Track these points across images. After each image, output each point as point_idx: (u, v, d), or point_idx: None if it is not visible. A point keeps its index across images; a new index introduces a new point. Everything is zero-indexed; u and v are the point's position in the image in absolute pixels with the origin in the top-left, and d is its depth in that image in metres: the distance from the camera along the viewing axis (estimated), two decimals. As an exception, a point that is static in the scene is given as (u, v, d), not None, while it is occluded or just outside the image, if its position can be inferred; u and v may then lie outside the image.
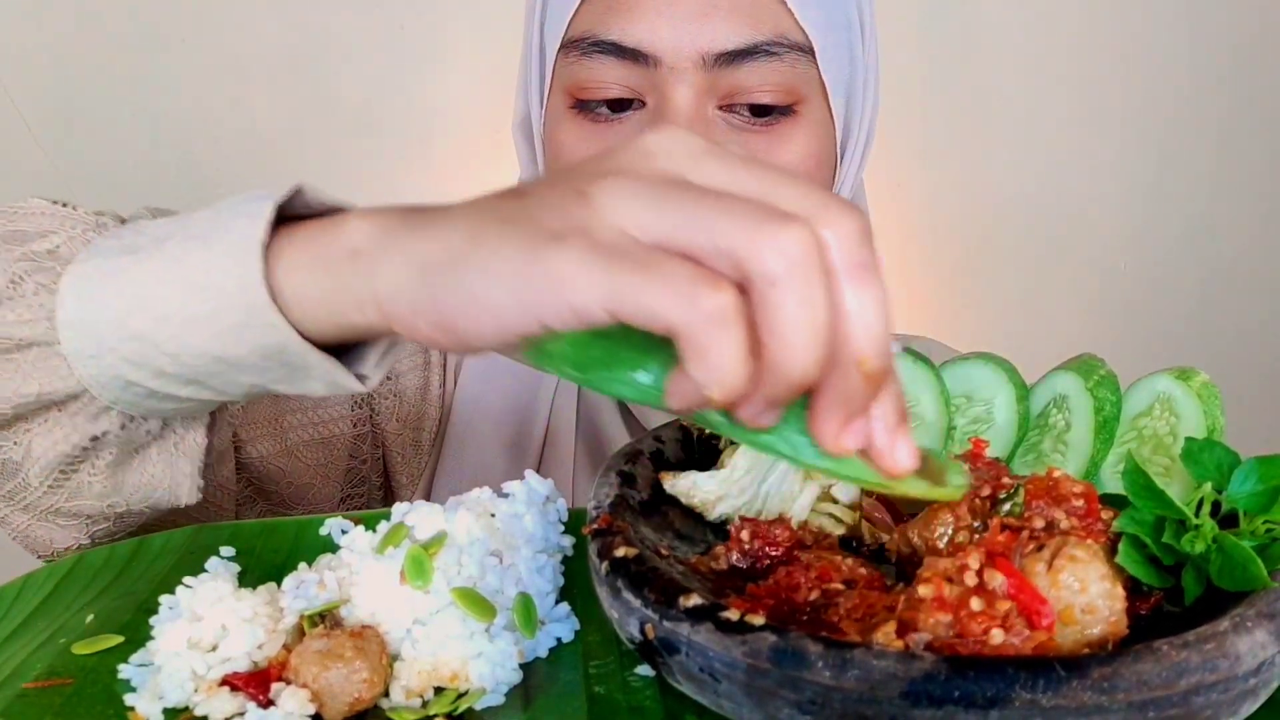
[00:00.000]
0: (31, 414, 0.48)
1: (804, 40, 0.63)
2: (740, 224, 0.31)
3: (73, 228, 0.49)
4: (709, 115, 0.63)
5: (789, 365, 0.31)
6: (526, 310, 0.33)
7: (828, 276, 0.31)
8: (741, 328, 0.31)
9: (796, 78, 0.63)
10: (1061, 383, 0.49)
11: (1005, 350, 0.52)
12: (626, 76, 0.63)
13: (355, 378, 0.44)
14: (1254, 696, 0.34)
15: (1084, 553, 0.36)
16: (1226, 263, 1.65)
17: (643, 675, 0.40)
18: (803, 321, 0.30)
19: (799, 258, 0.30)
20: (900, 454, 0.34)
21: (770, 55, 0.61)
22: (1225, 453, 0.41)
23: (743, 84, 0.62)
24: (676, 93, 0.62)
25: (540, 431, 0.76)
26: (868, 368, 0.32)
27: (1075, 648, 0.35)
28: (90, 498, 0.51)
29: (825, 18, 0.64)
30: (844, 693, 0.32)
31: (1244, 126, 1.60)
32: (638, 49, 0.62)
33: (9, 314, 0.46)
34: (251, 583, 0.45)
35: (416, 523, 0.44)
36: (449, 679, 0.40)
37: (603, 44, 0.63)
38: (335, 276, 0.40)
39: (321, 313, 0.41)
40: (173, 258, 0.43)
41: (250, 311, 0.41)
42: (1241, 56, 1.57)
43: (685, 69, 0.61)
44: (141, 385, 0.45)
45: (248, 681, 0.39)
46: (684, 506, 0.48)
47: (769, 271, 0.30)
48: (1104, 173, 1.61)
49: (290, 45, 1.51)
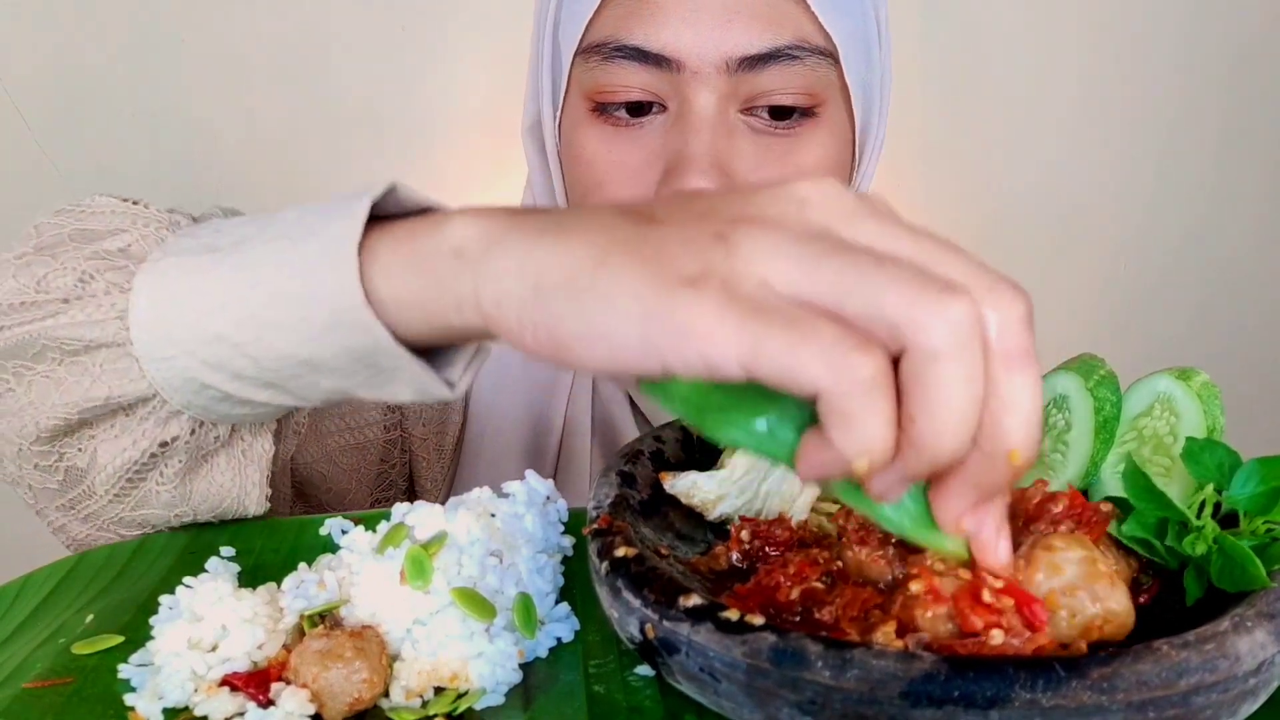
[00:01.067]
0: (98, 419, 0.46)
1: (825, 44, 0.63)
2: (903, 291, 0.29)
3: (145, 225, 0.47)
4: (730, 119, 0.63)
5: (937, 444, 0.29)
6: (650, 352, 0.31)
7: (988, 354, 0.30)
8: (892, 399, 0.29)
9: (817, 81, 0.63)
10: (1061, 383, 0.49)
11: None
12: (648, 81, 0.63)
13: (444, 383, 0.42)
14: (1254, 696, 0.34)
15: (1061, 541, 0.36)
16: (1227, 263, 1.65)
17: (643, 675, 0.40)
18: (959, 401, 0.29)
19: (964, 334, 0.29)
20: (1002, 549, 0.33)
21: (792, 59, 0.61)
22: (1225, 453, 0.41)
23: (764, 88, 0.62)
24: (699, 97, 0.62)
25: (556, 435, 0.76)
26: (1018, 460, 0.30)
27: (1072, 632, 0.35)
28: (157, 507, 0.50)
29: (847, 20, 0.64)
30: (844, 693, 0.32)
31: (1245, 127, 1.60)
32: (661, 54, 0.62)
33: (78, 314, 0.44)
34: (251, 583, 0.45)
35: (416, 523, 0.44)
36: (449, 679, 0.40)
37: (625, 49, 0.62)
38: (434, 276, 0.38)
39: (416, 314, 0.39)
40: (258, 258, 0.41)
41: (342, 312, 0.39)
42: (1242, 57, 1.57)
43: (708, 73, 0.61)
44: (217, 389, 0.44)
45: (248, 681, 0.39)
46: (684, 506, 0.48)
47: (932, 345, 0.29)
48: (1105, 173, 1.61)
49: (290, 45, 1.51)
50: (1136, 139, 1.60)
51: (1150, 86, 1.58)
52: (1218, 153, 1.61)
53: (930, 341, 0.29)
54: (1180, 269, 1.65)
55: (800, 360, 0.29)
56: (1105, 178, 1.61)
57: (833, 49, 0.63)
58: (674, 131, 0.63)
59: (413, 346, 0.40)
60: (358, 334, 0.40)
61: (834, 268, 0.30)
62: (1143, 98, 1.58)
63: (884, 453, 0.29)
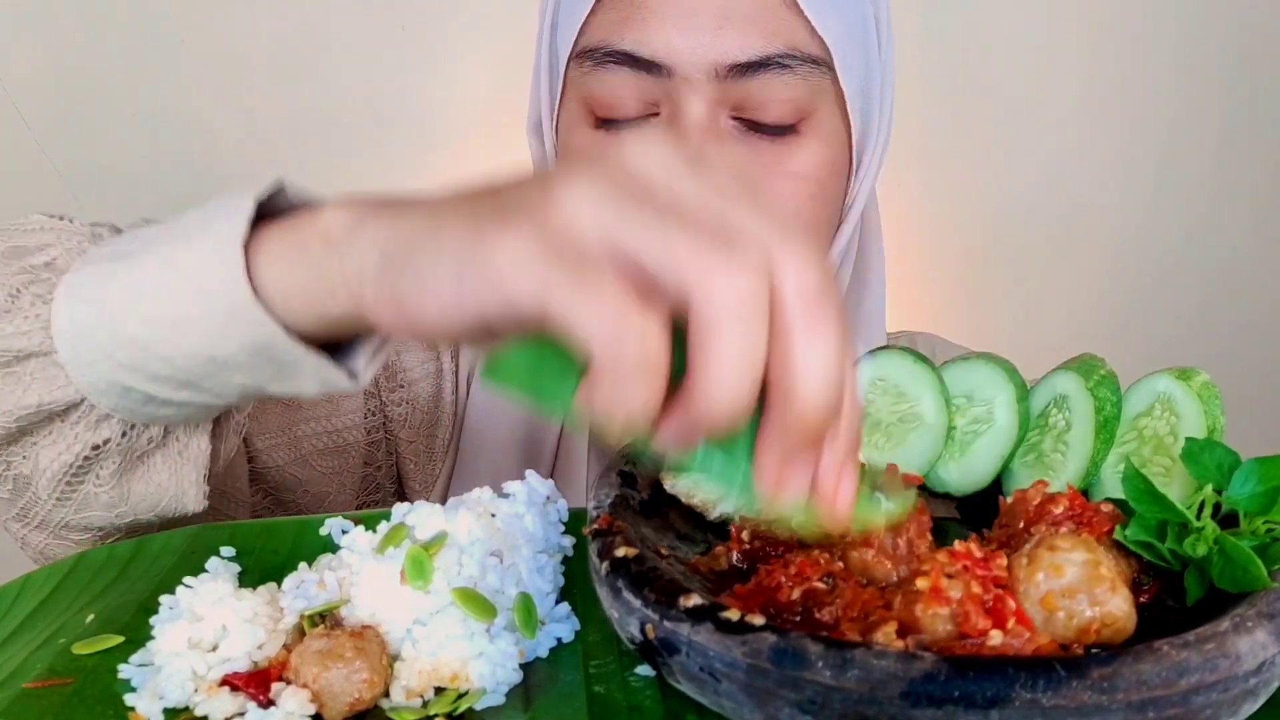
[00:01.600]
0: (36, 426, 0.48)
1: (820, 51, 0.62)
2: (693, 252, 0.30)
3: (69, 239, 0.49)
4: (722, 125, 0.63)
5: (711, 404, 0.30)
6: (465, 296, 0.32)
7: (779, 316, 0.30)
8: (657, 370, 0.30)
9: (809, 90, 0.62)
10: (1062, 383, 0.49)
11: (1005, 350, 0.52)
12: (640, 86, 0.63)
13: (346, 374, 0.43)
14: (1254, 696, 0.34)
15: (1065, 542, 0.36)
16: (1227, 263, 1.65)
17: (643, 675, 0.40)
18: (731, 367, 0.30)
19: (742, 302, 0.29)
20: (841, 497, 0.34)
21: (783, 68, 0.61)
22: (1225, 453, 0.41)
23: (754, 96, 0.62)
24: (689, 103, 0.62)
25: (553, 436, 0.76)
26: (808, 417, 0.31)
27: (1069, 634, 0.35)
28: (98, 508, 0.51)
29: (844, 26, 0.63)
30: (844, 693, 0.32)
31: (1244, 127, 1.60)
32: (653, 59, 0.61)
33: (7, 327, 0.46)
34: (251, 583, 0.45)
35: (416, 523, 0.44)
36: (449, 679, 0.40)
37: (616, 54, 0.62)
38: (310, 265, 0.39)
39: (301, 304, 0.40)
40: (160, 259, 0.43)
41: (235, 308, 0.41)
42: (1242, 56, 1.57)
43: (698, 79, 0.61)
44: (138, 390, 0.45)
45: (248, 681, 0.39)
46: (684, 506, 0.48)
47: (711, 309, 0.29)
48: (1105, 173, 1.61)
49: (290, 45, 1.51)
50: (1136, 139, 1.60)
51: (1150, 86, 1.58)
52: (1218, 153, 1.61)
53: (710, 306, 0.29)
54: (1180, 269, 1.65)
55: (579, 312, 0.30)
56: (1105, 178, 1.61)
57: (827, 57, 0.63)
58: None
59: (313, 339, 0.42)
60: (253, 329, 0.41)
61: (639, 219, 0.31)
62: (1143, 98, 1.58)
63: (636, 421, 0.30)
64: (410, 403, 0.76)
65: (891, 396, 0.50)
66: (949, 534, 0.49)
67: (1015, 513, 0.42)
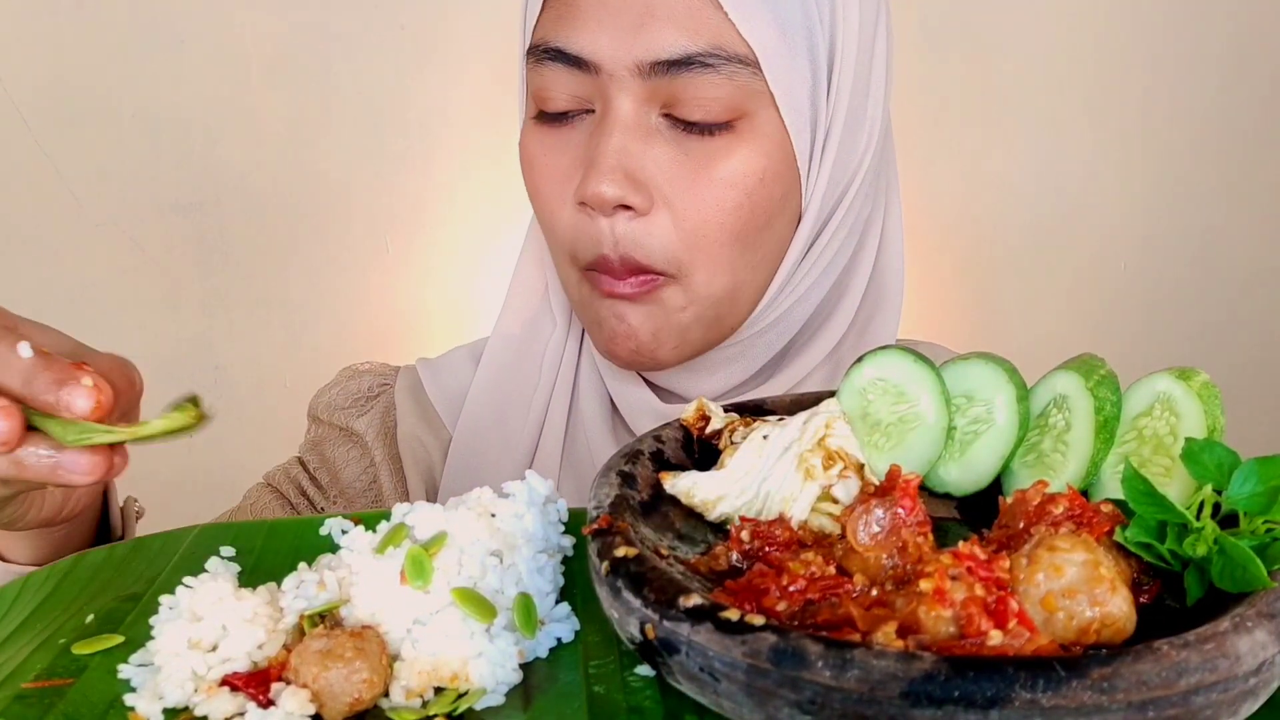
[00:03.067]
0: None
1: (747, 52, 0.61)
2: None
3: None
4: (651, 123, 0.63)
5: None
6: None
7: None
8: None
9: (737, 90, 0.62)
10: (1061, 383, 0.49)
11: (1005, 350, 0.52)
12: (574, 84, 0.64)
13: None
14: (1254, 696, 0.34)
15: (1065, 542, 0.36)
16: (1227, 262, 1.65)
17: (643, 675, 0.40)
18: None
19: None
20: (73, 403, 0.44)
21: (706, 66, 0.61)
22: (1225, 453, 0.40)
23: (679, 94, 0.61)
24: (615, 100, 0.62)
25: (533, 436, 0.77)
26: None
27: (1068, 635, 0.35)
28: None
29: (776, 26, 0.62)
30: (844, 693, 0.32)
31: (1244, 127, 1.60)
32: (579, 56, 0.62)
33: None
34: (251, 583, 0.45)
35: (416, 523, 0.44)
36: (449, 679, 0.40)
37: (551, 50, 0.64)
38: None
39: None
40: None
41: None
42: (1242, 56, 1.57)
43: (623, 77, 0.61)
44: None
45: (248, 681, 0.39)
46: (684, 506, 0.48)
47: None
48: (1105, 173, 1.61)
49: (290, 45, 1.51)
50: (1137, 139, 1.60)
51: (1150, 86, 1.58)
52: (1218, 152, 1.61)
53: None
54: (1180, 268, 1.65)
55: None
56: (1106, 178, 1.61)
57: (755, 56, 0.62)
58: (593, 134, 0.63)
59: None
60: None
61: None
62: (1143, 98, 1.58)
63: None
64: (348, 501, 0.80)
65: (891, 396, 0.50)
66: (949, 534, 0.49)
67: (1015, 513, 0.42)
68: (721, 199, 0.63)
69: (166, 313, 1.59)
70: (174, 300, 1.59)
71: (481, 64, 1.49)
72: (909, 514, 0.40)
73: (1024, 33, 1.55)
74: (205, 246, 1.57)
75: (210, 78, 1.51)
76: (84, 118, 1.50)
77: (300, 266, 1.57)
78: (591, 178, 0.62)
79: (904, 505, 0.40)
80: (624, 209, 0.63)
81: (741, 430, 0.50)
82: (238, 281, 1.58)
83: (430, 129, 1.55)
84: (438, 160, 1.56)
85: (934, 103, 1.56)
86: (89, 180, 1.53)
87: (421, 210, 1.58)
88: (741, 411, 0.53)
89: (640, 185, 0.62)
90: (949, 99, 1.57)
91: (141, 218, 1.55)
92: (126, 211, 1.54)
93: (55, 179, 1.51)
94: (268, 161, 1.54)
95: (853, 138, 0.69)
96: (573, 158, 0.65)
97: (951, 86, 1.57)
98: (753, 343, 0.72)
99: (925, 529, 0.40)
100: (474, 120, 1.52)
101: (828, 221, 0.70)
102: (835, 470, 0.47)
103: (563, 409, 0.77)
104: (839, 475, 0.47)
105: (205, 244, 1.57)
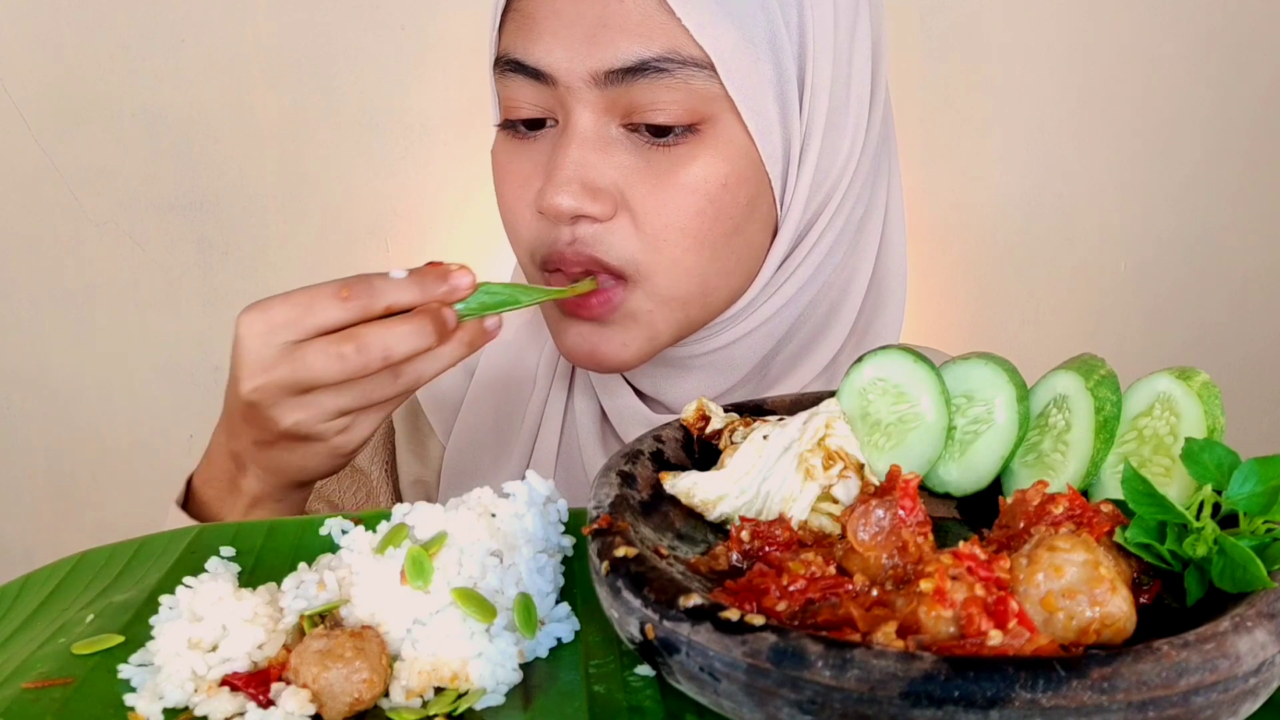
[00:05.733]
0: None
1: (702, 56, 0.61)
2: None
3: None
4: (611, 134, 0.63)
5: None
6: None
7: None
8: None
9: (693, 95, 0.61)
10: (1061, 382, 0.49)
11: (1005, 350, 0.52)
12: (535, 95, 0.64)
13: None
14: (1254, 696, 0.34)
15: (1065, 542, 0.36)
16: (1227, 262, 1.65)
17: (643, 675, 0.40)
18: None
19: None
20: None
21: (662, 71, 0.60)
22: (1225, 453, 0.40)
23: (638, 102, 0.61)
24: (573, 111, 0.62)
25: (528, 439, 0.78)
26: None
27: (1068, 635, 0.35)
28: None
29: (734, 30, 0.61)
30: (844, 693, 0.32)
31: (1244, 127, 1.60)
32: (536, 68, 0.63)
33: None
34: (252, 583, 0.45)
35: (416, 523, 0.44)
36: (449, 679, 0.40)
37: (511, 62, 0.64)
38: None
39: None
40: None
41: None
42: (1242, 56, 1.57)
43: (579, 87, 0.62)
44: None
45: (248, 681, 0.39)
46: (684, 506, 0.48)
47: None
48: (1105, 173, 1.61)
49: (290, 45, 1.51)
50: (1136, 139, 1.60)
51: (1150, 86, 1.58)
52: (1218, 152, 1.61)
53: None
54: (1180, 268, 1.65)
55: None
56: (1105, 178, 1.61)
57: (710, 61, 0.61)
58: (554, 145, 0.64)
59: None
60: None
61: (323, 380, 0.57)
62: (1142, 97, 1.58)
63: None
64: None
65: (891, 396, 0.50)
66: (949, 534, 0.49)
67: (1015, 513, 0.42)
68: (683, 204, 0.63)
69: (166, 313, 1.59)
70: (174, 300, 1.59)
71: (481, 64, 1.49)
72: (909, 514, 0.40)
73: (1024, 33, 1.55)
74: (205, 246, 1.57)
75: (210, 78, 1.51)
76: (84, 117, 1.50)
77: (300, 266, 1.57)
78: (549, 189, 0.62)
79: (904, 505, 0.40)
80: (583, 219, 0.63)
81: (741, 430, 0.50)
82: (238, 281, 1.59)
83: (430, 129, 1.55)
84: (438, 160, 1.56)
85: (934, 103, 1.56)
86: (89, 180, 1.53)
87: (421, 210, 1.58)
88: (741, 411, 0.53)
89: (599, 193, 0.62)
90: (949, 99, 1.57)
91: (141, 218, 1.55)
92: (126, 211, 1.54)
93: (55, 179, 1.51)
94: (268, 161, 1.54)
95: (835, 140, 0.68)
96: (533, 167, 0.65)
97: (951, 86, 1.57)
98: (738, 347, 0.71)
99: (925, 529, 0.40)
100: (473, 120, 1.52)
101: (812, 225, 0.69)
102: (835, 470, 0.47)
103: (557, 416, 0.77)
104: (839, 475, 0.47)
105: (205, 244, 1.57)
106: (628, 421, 0.73)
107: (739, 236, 0.66)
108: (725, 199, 0.64)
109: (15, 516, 1.59)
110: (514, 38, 0.64)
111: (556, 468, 0.76)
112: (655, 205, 0.63)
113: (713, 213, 0.63)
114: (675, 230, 0.63)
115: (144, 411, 1.62)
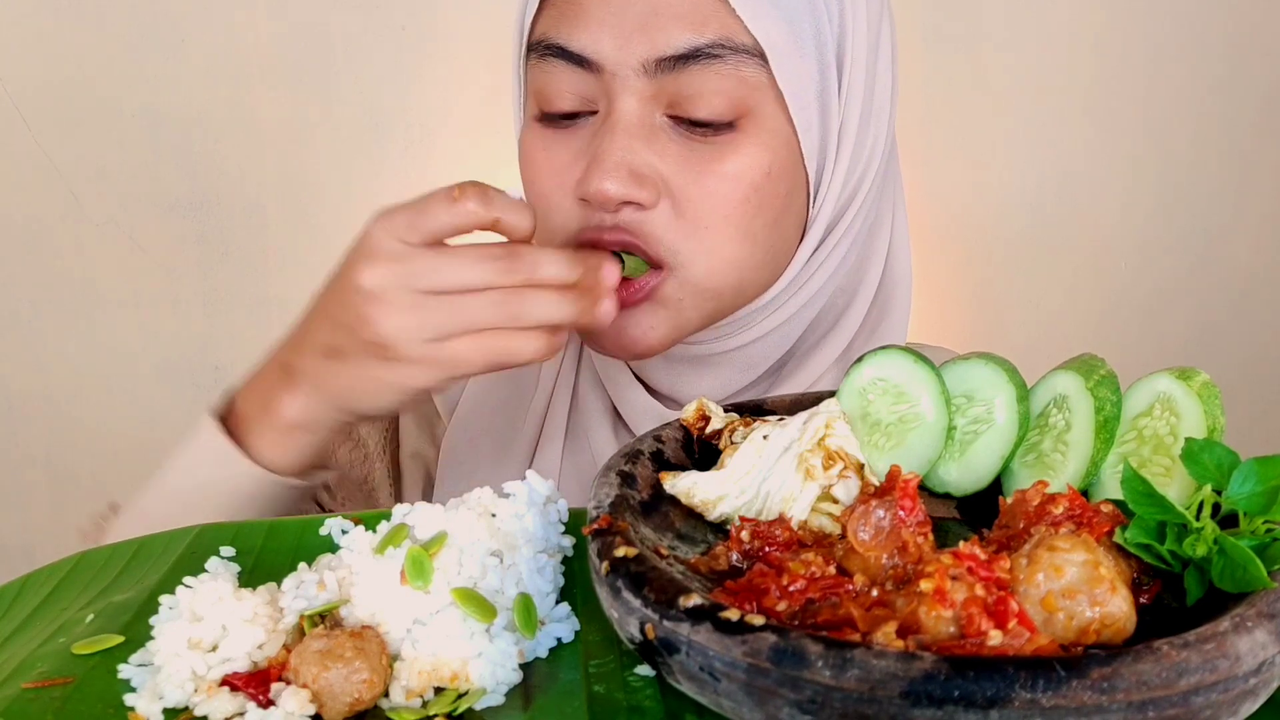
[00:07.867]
0: None
1: (754, 44, 0.61)
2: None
3: None
4: (655, 122, 0.62)
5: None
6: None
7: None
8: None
9: (743, 83, 0.61)
10: (1062, 382, 0.49)
11: (1005, 350, 0.52)
12: (577, 83, 0.63)
13: None
14: (1254, 696, 0.34)
15: (1065, 542, 0.36)
16: (1228, 262, 1.65)
17: (643, 675, 0.40)
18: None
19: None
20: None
21: (713, 58, 0.60)
22: (1225, 453, 0.40)
23: (685, 91, 0.61)
24: (619, 99, 0.62)
25: (531, 439, 0.77)
26: None
27: (1068, 635, 0.35)
28: None
29: (784, 23, 0.62)
30: (844, 692, 0.32)
31: (1244, 127, 1.60)
32: (583, 55, 0.62)
33: None
34: (252, 583, 0.45)
35: (416, 523, 0.44)
36: (449, 679, 0.40)
37: (553, 48, 0.63)
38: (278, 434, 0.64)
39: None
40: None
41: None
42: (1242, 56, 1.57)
43: (627, 76, 0.61)
44: None
45: (248, 681, 0.39)
46: (684, 506, 0.48)
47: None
48: (1105, 173, 1.61)
49: (290, 45, 1.51)
50: (1137, 139, 1.60)
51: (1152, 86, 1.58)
52: (1219, 152, 1.61)
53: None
54: (1180, 269, 1.65)
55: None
56: (1106, 178, 1.61)
57: (762, 51, 0.61)
58: (597, 133, 0.63)
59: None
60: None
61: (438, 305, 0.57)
62: (1145, 98, 1.58)
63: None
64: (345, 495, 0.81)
65: (891, 396, 0.50)
66: (949, 534, 0.49)
67: (1015, 513, 0.42)
68: (728, 193, 0.63)
69: (166, 313, 1.59)
70: (174, 300, 1.59)
71: (481, 64, 1.49)
72: (909, 514, 0.40)
73: (1025, 32, 1.55)
74: (205, 246, 1.57)
75: (210, 78, 1.51)
76: (84, 117, 1.50)
77: (300, 266, 1.57)
78: (595, 176, 0.61)
79: (904, 505, 0.40)
80: (627, 205, 0.63)
81: (741, 430, 0.50)
82: (238, 281, 1.58)
83: (430, 129, 1.55)
84: (438, 160, 1.56)
85: (934, 103, 1.56)
86: (89, 180, 1.53)
87: (421, 210, 1.58)
88: (741, 411, 0.53)
89: (645, 180, 0.62)
90: (949, 99, 1.57)
91: (141, 217, 1.55)
92: (126, 211, 1.54)
93: (55, 179, 1.51)
94: (268, 161, 1.54)
95: (865, 136, 0.69)
96: (571, 155, 0.65)
97: (952, 86, 1.56)
98: (756, 346, 0.71)
99: (925, 529, 0.40)
100: (474, 120, 1.52)
101: (837, 222, 0.70)
102: (835, 470, 0.47)
103: (564, 410, 0.77)
104: (839, 475, 0.47)
105: (205, 244, 1.57)
106: (639, 415, 0.73)
107: (776, 229, 0.66)
108: (768, 189, 0.64)
109: (15, 516, 1.59)
110: (555, 24, 0.63)
111: (564, 461, 0.76)
112: (699, 194, 0.62)
113: (756, 201, 0.64)
114: (719, 218, 0.63)
115: (144, 411, 1.62)
